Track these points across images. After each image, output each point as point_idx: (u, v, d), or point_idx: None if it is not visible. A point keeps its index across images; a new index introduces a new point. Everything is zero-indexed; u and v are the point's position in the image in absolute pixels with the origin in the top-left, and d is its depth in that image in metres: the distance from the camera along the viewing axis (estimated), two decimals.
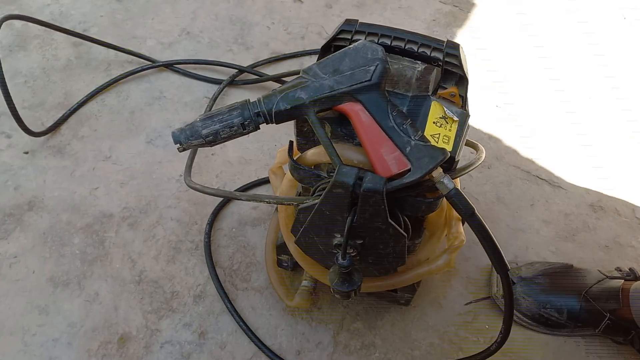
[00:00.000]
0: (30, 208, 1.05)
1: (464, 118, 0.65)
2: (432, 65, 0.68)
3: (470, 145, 0.83)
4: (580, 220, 1.11)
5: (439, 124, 0.65)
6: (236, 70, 1.29)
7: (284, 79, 1.27)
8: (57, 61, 1.29)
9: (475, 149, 0.79)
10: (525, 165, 1.19)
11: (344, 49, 0.63)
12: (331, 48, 0.70)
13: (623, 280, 0.91)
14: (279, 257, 0.93)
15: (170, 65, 1.29)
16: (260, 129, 0.65)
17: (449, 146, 0.64)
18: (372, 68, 0.61)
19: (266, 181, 1.10)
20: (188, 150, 1.00)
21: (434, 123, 0.65)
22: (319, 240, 0.71)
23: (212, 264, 0.99)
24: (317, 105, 0.62)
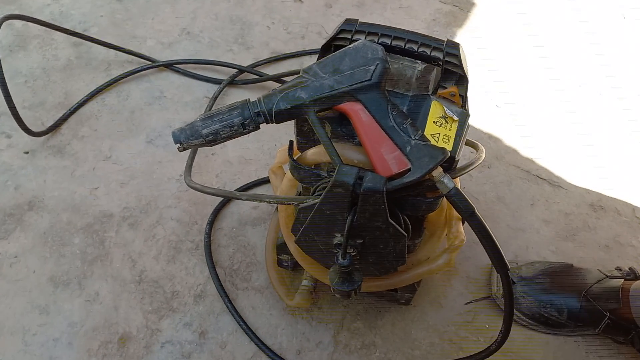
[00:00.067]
0: (30, 208, 1.05)
1: (464, 117, 0.65)
2: (432, 65, 0.68)
3: (470, 144, 0.83)
4: (581, 220, 1.11)
5: (439, 123, 0.65)
6: (236, 70, 1.29)
7: (284, 78, 1.27)
8: (57, 61, 1.29)
9: (475, 148, 0.79)
10: (525, 164, 1.19)
11: (344, 49, 0.63)
12: (331, 48, 0.70)
13: (623, 279, 0.91)
14: (279, 257, 0.93)
15: (170, 65, 1.29)
16: (260, 128, 0.65)
17: (449, 146, 0.64)
18: (372, 68, 0.61)
19: (266, 181, 1.10)
20: (188, 150, 1.00)
21: (434, 122, 0.65)
22: (319, 239, 0.71)
23: (213, 264, 0.99)
24: (317, 104, 0.62)
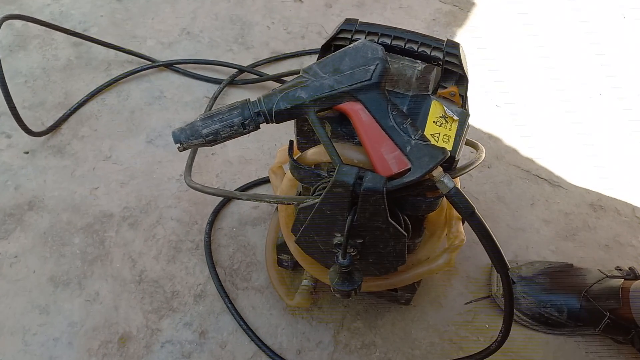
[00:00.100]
0: (30, 208, 1.05)
1: (464, 117, 0.65)
2: (432, 65, 0.68)
3: (470, 144, 0.83)
4: (581, 220, 1.11)
5: (439, 123, 0.65)
6: (236, 70, 1.29)
7: (284, 78, 1.27)
8: (57, 61, 1.29)
9: (475, 148, 0.79)
10: (525, 164, 1.19)
11: (344, 49, 0.63)
12: (331, 47, 0.70)
13: (623, 279, 0.91)
14: (280, 257, 0.93)
15: (170, 65, 1.29)
16: (260, 128, 0.65)
17: (449, 145, 0.64)
18: (372, 67, 0.61)
19: (266, 181, 1.10)
20: (188, 150, 1.00)
21: (434, 122, 0.65)
22: (319, 239, 0.71)
23: (213, 264, 0.99)
24: (317, 104, 0.62)
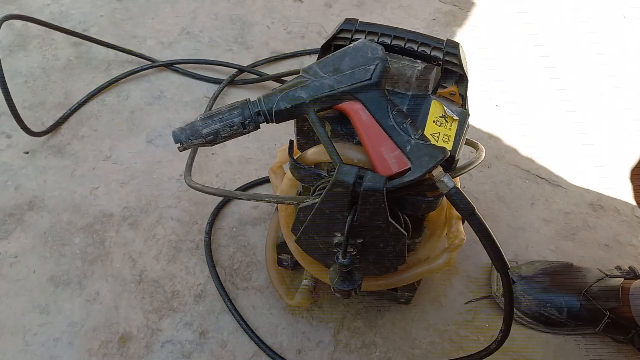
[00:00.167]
0: (30, 208, 1.05)
1: (463, 117, 0.65)
2: (432, 64, 0.68)
3: (470, 144, 0.83)
4: (580, 219, 1.11)
5: (439, 122, 0.65)
6: (236, 70, 1.29)
7: (284, 78, 1.27)
8: (57, 61, 1.29)
9: (475, 147, 0.79)
10: (525, 164, 1.19)
11: (344, 48, 0.63)
12: (331, 47, 0.70)
13: (623, 278, 0.91)
14: (280, 256, 0.93)
15: (170, 65, 1.29)
16: (260, 128, 0.65)
17: (449, 145, 0.64)
18: (372, 67, 0.61)
19: (266, 180, 1.11)
20: (188, 150, 1.00)
21: (434, 122, 0.65)
22: (320, 239, 0.71)
23: (213, 264, 0.99)
24: (317, 104, 0.62)
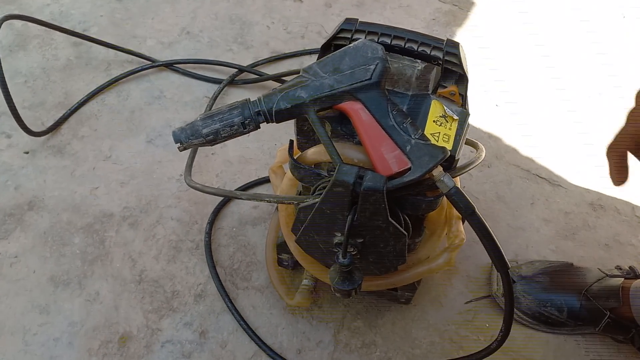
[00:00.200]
0: (30, 208, 1.05)
1: (464, 117, 0.65)
2: (432, 64, 0.68)
3: (470, 144, 0.83)
4: (580, 219, 1.11)
5: (439, 122, 0.65)
6: (236, 70, 1.29)
7: (283, 78, 1.27)
8: (57, 61, 1.29)
9: (475, 147, 0.79)
10: (525, 164, 1.19)
11: (344, 48, 0.63)
12: (331, 47, 0.70)
13: (623, 278, 0.91)
14: (280, 256, 0.93)
15: (170, 65, 1.29)
16: (260, 128, 0.65)
17: (449, 145, 0.64)
18: (372, 67, 0.61)
19: (266, 180, 1.11)
20: (188, 150, 1.00)
21: (434, 122, 0.65)
22: (320, 239, 0.71)
23: (213, 263, 0.99)
24: (318, 104, 0.62)
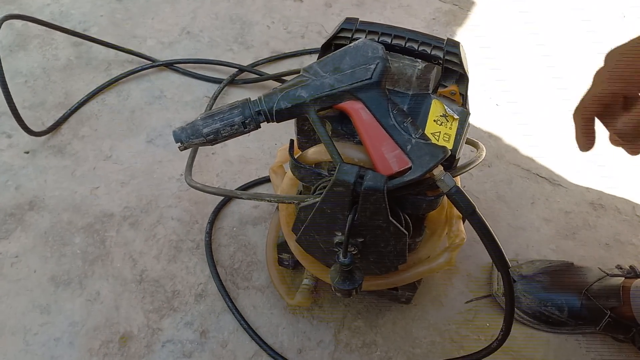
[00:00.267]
0: (31, 208, 1.05)
1: (464, 116, 0.65)
2: (433, 64, 0.69)
3: (471, 143, 0.83)
4: (581, 218, 1.11)
5: (439, 122, 0.65)
6: (236, 70, 1.28)
7: (284, 77, 1.27)
8: (58, 61, 1.29)
9: (476, 147, 0.79)
10: (526, 163, 1.19)
11: (344, 48, 0.63)
12: (332, 46, 0.70)
13: (624, 277, 0.91)
14: (280, 256, 0.93)
15: (170, 65, 1.29)
16: (260, 127, 0.65)
17: (450, 144, 0.64)
18: (373, 66, 0.61)
19: (267, 180, 1.11)
20: (189, 150, 1.00)
21: (434, 121, 0.65)
22: (320, 238, 0.71)
23: (213, 263, 0.99)
24: (318, 103, 0.62)
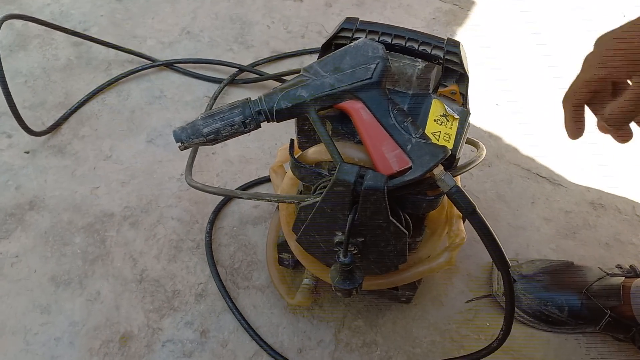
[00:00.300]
0: (31, 207, 1.05)
1: (464, 116, 0.65)
2: (433, 63, 0.69)
3: (471, 143, 0.83)
4: (581, 218, 1.11)
5: (439, 121, 0.65)
6: (236, 69, 1.28)
7: (284, 77, 1.28)
8: (58, 61, 1.29)
9: (476, 146, 0.79)
10: (526, 163, 1.19)
11: (344, 47, 0.63)
12: (332, 46, 0.70)
13: (624, 277, 0.91)
14: (280, 256, 0.93)
15: (170, 65, 1.29)
16: (261, 127, 0.65)
17: (450, 144, 0.64)
18: (373, 66, 0.61)
19: (267, 180, 1.11)
20: (189, 149, 1.00)
21: (434, 121, 0.65)
22: (320, 238, 0.71)
23: (214, 263, 0.99)
24: (318, 103, 0.62)
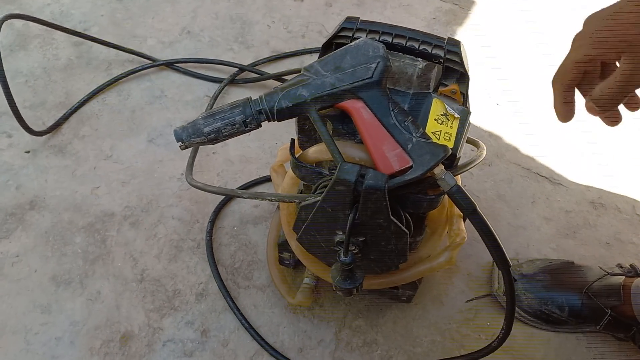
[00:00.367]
0: (31, 207, 1.05)
1: (465, 115, 0.65)
2: (433, 63, 0.69)
3: (471, 142, 0.83)
4: (581, 217, 1.11)
5: (440, 121, 0.65)
6: (237, 69, 1.29)
7: (284, 77, 1.28)
8: (58, 60, 1.29)
9: (476, 146, 0.79)
10: (526, 162, 1.19)
11: (345, 47, 0.63)
12: (332, 46, 0.70)
13: (624, 276, 0.91)
14: (281, 255, 0.93)
15: (171, 64, 1.29)
16: (261, 126, 0.65)
17: (450, 143, 0.64)
18: (374, 65, 0.61)
19: (267, 179, 1.11)
20: (189, 149, 1.00)
21: (435, 120, 0.65)
22: (321, 237, 0.71)
23: (214, 262, 0.99)
24: (319, 102, 0.62)
